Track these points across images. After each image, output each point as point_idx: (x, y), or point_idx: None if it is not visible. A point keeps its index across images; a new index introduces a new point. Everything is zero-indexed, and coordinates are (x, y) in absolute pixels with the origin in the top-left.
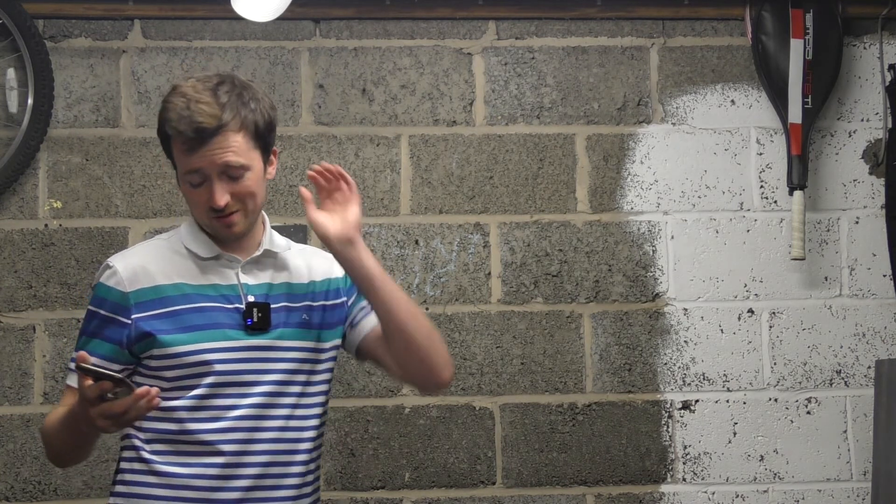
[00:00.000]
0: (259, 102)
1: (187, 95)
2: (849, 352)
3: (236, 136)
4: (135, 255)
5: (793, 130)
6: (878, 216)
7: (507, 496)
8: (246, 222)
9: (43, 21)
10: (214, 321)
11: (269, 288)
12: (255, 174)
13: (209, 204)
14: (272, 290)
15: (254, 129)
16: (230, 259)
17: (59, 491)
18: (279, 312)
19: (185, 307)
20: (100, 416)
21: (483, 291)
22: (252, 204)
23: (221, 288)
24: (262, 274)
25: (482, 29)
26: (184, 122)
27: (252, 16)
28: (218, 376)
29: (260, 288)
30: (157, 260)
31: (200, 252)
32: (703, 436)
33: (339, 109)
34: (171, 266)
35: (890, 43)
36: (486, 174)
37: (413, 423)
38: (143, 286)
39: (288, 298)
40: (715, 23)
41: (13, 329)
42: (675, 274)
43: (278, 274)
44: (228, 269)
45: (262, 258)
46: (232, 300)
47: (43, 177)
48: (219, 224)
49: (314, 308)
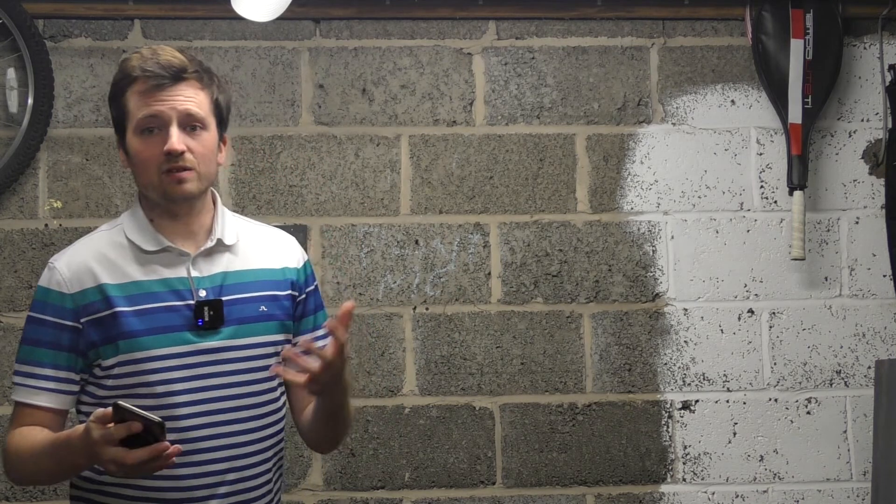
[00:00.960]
0: (221, 83)
1: (153, 48)
2: (849, 352)
3: (199, 91)
4: (76, 254)
5: (793, 130)
6: (878, 216)
7: (507, 496)
8: (198, 185)
9: (43, 21)
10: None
11: (223, 278)
12: (212, 139)
13: (164, 149)
14: (227, 279)
15: (215, 96)
16: (179, 252)
17: (58, 491)
18: (233, 306)
19: (130, 309)
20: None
21: (483, 291)
22: (205, 167)
23: (172, 282)
24: (214, 265)
25: (482, 29)
26: (150, 62)
27: (252, 16)
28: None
29: (213, 280)
30: (98, 257)
31: (145, 245)
32: (703, 436)
33: (339, 109)
34: (115, 262)
35: (890, 43)
36: (486, 174)
37: (413, 423)
38: (84, 287)
39: (244, 288)
40: (715, 23)
41: (13, 329)
42: (675, 274)
43: (233, 261)
44: (178, 262)
45: (214, 248)
46: (184, 296)
47: (43, 177)
48: (170, 180)
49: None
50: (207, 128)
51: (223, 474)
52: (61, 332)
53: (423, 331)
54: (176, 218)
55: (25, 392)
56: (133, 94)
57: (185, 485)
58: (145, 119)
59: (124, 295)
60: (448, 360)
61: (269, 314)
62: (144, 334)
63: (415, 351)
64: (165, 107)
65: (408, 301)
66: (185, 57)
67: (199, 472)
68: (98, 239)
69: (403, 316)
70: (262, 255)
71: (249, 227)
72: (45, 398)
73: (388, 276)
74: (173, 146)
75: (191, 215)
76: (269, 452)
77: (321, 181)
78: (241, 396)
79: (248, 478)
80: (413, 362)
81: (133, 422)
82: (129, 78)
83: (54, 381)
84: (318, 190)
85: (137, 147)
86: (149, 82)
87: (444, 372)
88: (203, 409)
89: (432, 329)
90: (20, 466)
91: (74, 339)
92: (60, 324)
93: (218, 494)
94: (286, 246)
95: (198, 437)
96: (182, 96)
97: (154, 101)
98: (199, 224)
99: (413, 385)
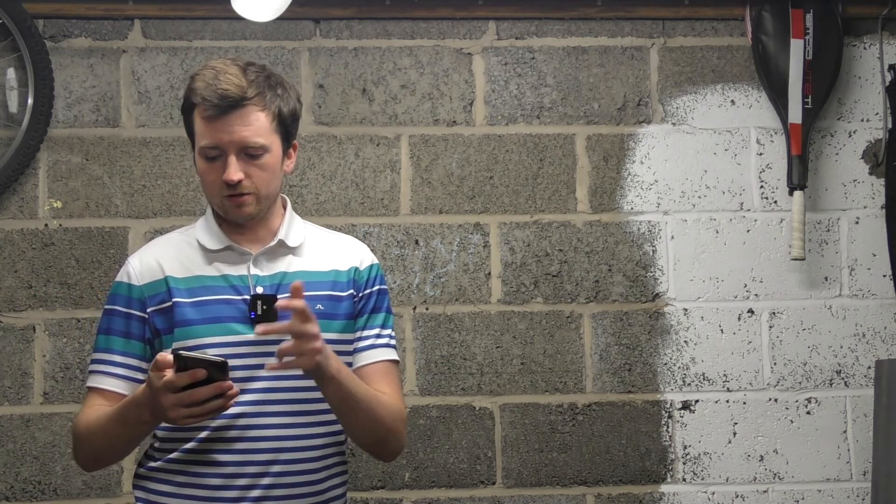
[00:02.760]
0: (286, 91)
1: (216, 68)
2: (849, 352)
3: (259, 114)
4: (149, 250)
5: (793, 130)
6: (878, 216)
7: (506, 496)
8: (258, 207)
9: (43, 21)
10: (216, 315)
11: (282, 277)
12: (274, 159)
13: (223, 179)
14: (285, 279)
15: (277, 112)
16: (241, 251)
17: (59, 491)
18: None
19: (189, 301)
20: (175, 404)
21: (483, 291)
22: (266, 189)
23: (231, 278)
24: (276, 264)
25: (482, 29)
26: (209, 89)
27: (252, 16)
28: None
29: (272, 279)
30: (168, 253)
31: (210, 244)
32: (703, 436)
33: (339, 109)
34: (181, 258)
35: (890, 43)
36: (486, 174)
37: (413, 423)
38: (151, 280)
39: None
40: (715, 23)
41: (13, 329)
42: (675, 274)
43: (294, 262)
44: (240, 260)
45: (276, 248)
46: (241, 291)
47: (43, 177)
48: (230, 203)
49: (340, 298)
50: (268, 149)
51: (267, 465)
52: (130, 320)
53: (423, 331)
54: (243, 224)
55: (96, 377)
56: (197, 117)
57: (228, 472)
58: (205, 148)
59: (186, 287)
60: (448, 360)
61: (327, 313)
62: (198, 323)
63: (415, 351)
64: (224, 138)
65: (408, 301)
66: (246, 79)
67: (242, 460)
68: (171, 239)
69: (403, 316)
70: (326, 257)
71: (319, 233)
72: (114, 382)
73: (388, 276)
74: (230, 177)
75: (257, 221)
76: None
77: (321, 181)
78: (290, 390)
79: (293, 472)
80: (413, 362)
81: (197, 369)
82: (194, 101)
83: (123, 368)
84: (318, 190)
85: (202, 168)
86: (208, 111)
87: (444, 372)
88: (250, 398)
89: (432, 329)
90: (91, 441)
91: (142, 327)
92: (129, 313)
93: (261, 485)
94: (353, 249)
95: (244, 426)
96: (241, 124)
97: (214, 131)
98: (267, 228)
99: (413, 385)
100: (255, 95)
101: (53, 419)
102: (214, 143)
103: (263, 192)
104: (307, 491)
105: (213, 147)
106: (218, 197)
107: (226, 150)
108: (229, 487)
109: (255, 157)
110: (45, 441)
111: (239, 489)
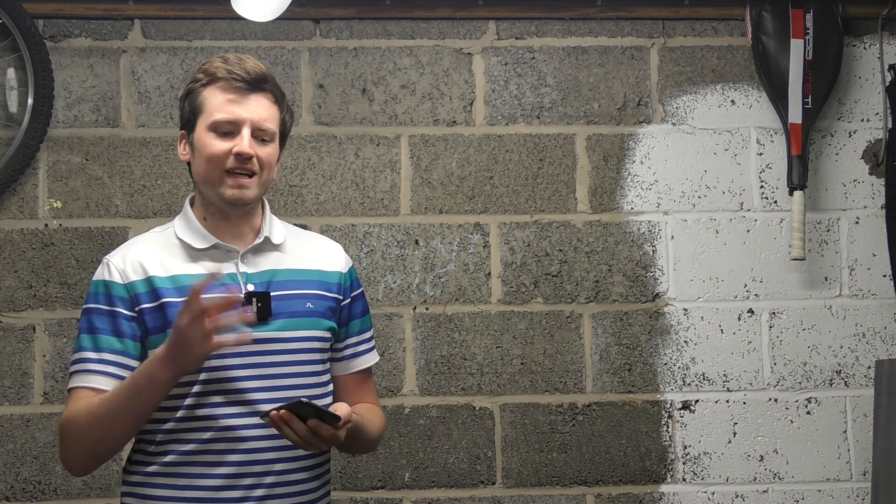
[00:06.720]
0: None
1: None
2: (849, 352)
3: (273, 106)
4: (128, 249)
5: (793, 130)
6: (878, 216)
7: (506, 496)
8: (256, 192)
9: (43, 21)
10: None
11: (272, 275)
12: (275, 152)
13: (236, 150)
14: (275, 276)
15: (283, 115)
16: (228, 249)
17: (59, 491)
18: (282, 301)
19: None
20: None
21: (483, 291)
22: (268, 175)
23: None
24: (263, 261)
25: (482, 29)
26: (236, 66)
27: (252, 16)
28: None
29: (261, 276)
30: (149, 253)
31: (196, 243)
32: (702, 436)
33: (339, 109)
34: (165, 259)
35: (890, 43)
36: (486, 174)
37: (413, 423)
38: (137, 278)
39: (292, 285)
40: (715, 23)
41: (13, 329)
42: (675, 274)
43: (282, 260)
44: (227, 258)
45: (262, 245)
46: (231, 290)
47: (43, 177)
48: (232, 182)
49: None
50: (275, 139)
51: (270, 464)
52: (116, 319)
53: (423, 331)
54: (228, 219)
55: (84, 376)
56: (214, 92)
57: (230, 472)
58: (222, 121)
59: (174, 287)
60: (448, 360)
61: (315, 311)
62: None
63: (415, 351)
64: (243, 114)
65: (408, 301)
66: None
67: (245, 459)
68: (149, 239)
69: (403, 316)
70: (310, 256)
71: (296, 231)
72: (105, 381)
73: (388, 276)
74: (244, 149)
75: (242, 217)
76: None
77: (321, 181)
78: (287, 388)
79: (295, 469)
80: (413, 362)
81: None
82: (213, 77)
83: (112, 366)
84: (318, 190)
85: (207, 141)
86: (232, 84)
87: (444, 372)
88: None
89: (432, 329)
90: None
91: (132, 326)
92: (114, 311)
93: (264, 484)
94: (332, 251)
95: (245, 425)
96: (258, 106)
97: (234, 106)
98: (249, 225)
99: (413, 385)
100: (274, 85)
101: (53, 419)
102: (233, 117)
103: (264, 178)
104: (307, 488)
105: (229, 121)
106: (219, 173)
107: (240, 127)
108: (233, 487)
109: (265, 141)
110: (45, 441)
111: (243, 489)
